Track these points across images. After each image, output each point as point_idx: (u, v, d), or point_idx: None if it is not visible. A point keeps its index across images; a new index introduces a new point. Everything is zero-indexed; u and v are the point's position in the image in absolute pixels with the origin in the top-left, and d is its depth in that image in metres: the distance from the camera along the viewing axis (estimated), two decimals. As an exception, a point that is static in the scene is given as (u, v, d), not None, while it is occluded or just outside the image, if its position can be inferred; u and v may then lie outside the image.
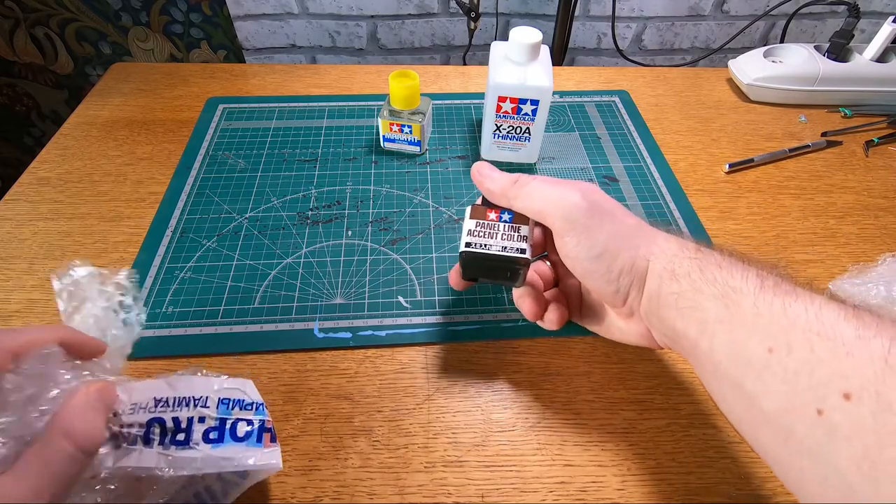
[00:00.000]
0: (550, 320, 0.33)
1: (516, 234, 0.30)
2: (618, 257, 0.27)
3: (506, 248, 0.30)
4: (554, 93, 0.45)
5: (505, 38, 0.47)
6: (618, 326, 0.31)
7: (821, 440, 0.18)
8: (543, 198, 0.29)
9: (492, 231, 0.30)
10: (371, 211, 0.46)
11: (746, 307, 0.22)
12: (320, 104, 0.58)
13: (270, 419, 0.26)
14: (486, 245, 0.30)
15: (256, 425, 0.25)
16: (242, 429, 0.25)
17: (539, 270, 0.36)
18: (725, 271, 0.24)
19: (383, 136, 0.51)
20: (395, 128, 0.49)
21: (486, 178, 0.31)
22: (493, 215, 0.31)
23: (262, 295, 0.39)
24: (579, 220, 0.27)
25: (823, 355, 0.19)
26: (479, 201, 0.32)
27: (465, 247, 0.30)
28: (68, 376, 0.22)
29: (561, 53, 0.73)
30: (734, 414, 0.23)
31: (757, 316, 0.22)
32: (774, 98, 0.60)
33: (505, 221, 0.31)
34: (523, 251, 0.30)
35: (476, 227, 0.31)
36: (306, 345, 0.36)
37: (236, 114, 0.56)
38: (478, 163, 0.32)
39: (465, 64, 0.81)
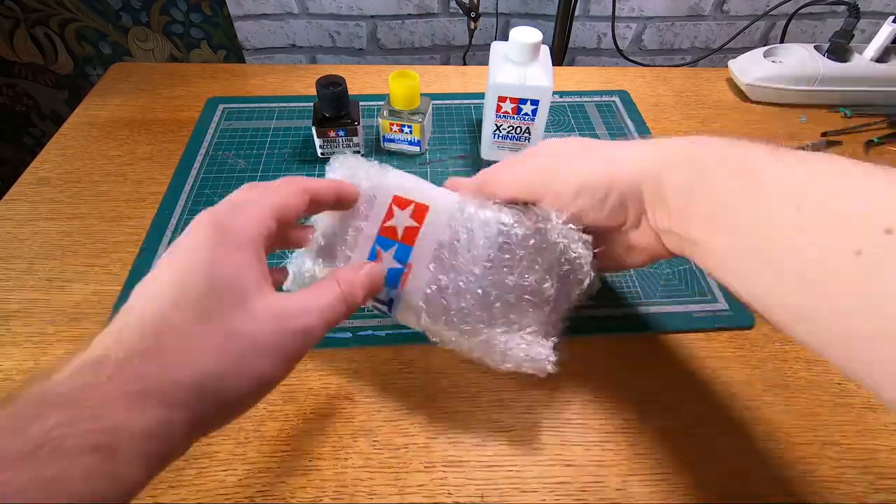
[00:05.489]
0: None
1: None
2: (597, 187, 0.26)
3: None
4: (554, 93, 0.45)
5: (505, 38, 0.46)
6: (623, 247, 0.29)
7: (862, 280, 0.17)
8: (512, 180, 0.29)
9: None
10: (371, 211, 0.46)
11: (768, 177, 0.21)
12: (320, 104, 0.58)
13: None
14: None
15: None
16: None
17: None
18: (735, 149, 0.23)
19: (383, 136, 0.51)
20: (395, 128, 0.49)
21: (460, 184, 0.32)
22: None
23: (262, 295, 0.39)
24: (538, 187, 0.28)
25: (857, 198, 0.18)
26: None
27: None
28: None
29: (561, 53, 0.73)
30: (766, 295, 0.21)
31: (778, 183, 0.21)
32: (774, 98, 0.59)
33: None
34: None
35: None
36: (306, 345, 0.36)
37: (236, 114, 0.56)
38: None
39: (465, 64, 0.81)
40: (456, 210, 0.29)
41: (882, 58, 0.58)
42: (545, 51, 0.46)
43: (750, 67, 0.60)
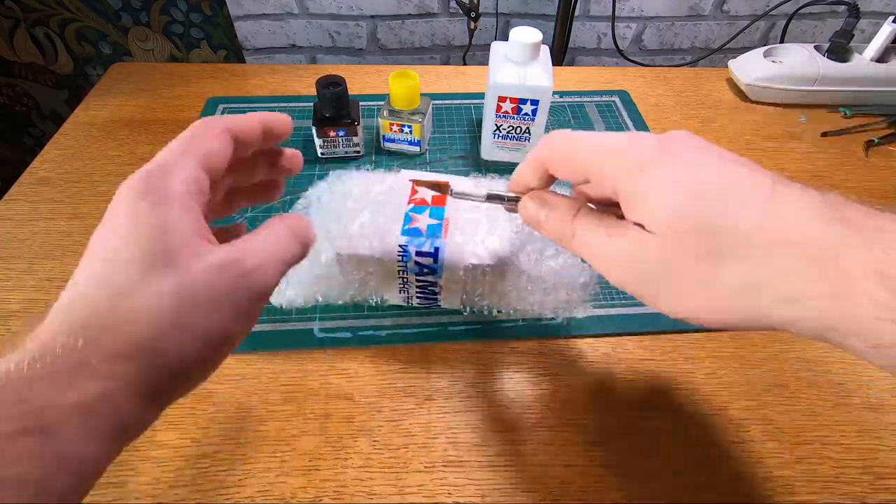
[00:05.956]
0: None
1: None
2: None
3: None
4: (554, 93, 0.45)
5: (505, 38, 0.46)
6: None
7: None
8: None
9: None
10: (371, 211, 0.46)
11: None
12: (320, 104, 0.58)
13: None
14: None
15: None
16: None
17: None
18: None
19: (383, 136, 0.50)
20: (395, 128, 0.49)
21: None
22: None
23: (262, 295, 0.39)
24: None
25: None
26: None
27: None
28: None
29: (561, 53, 0.73)
30: None
31: None
32: (774, 98, 0.59)
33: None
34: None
35: None
36: (306, 345, 0.36)
37: (236, 114, 0.56)
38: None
39: (465, 64, 0.81)
40: (474, 182, 0.35)
41: (882, 58, 0.58)
42: (545, 51, 0.46)
43: (750, 67, 0.60)
